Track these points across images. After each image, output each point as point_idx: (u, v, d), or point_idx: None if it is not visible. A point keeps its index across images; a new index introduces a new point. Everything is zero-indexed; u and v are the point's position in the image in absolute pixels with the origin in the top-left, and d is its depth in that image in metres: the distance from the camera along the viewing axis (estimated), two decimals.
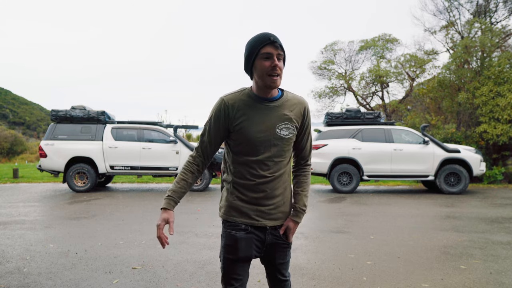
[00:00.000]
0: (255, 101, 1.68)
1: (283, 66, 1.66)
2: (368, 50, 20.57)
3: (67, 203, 7.94)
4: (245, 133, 1.65)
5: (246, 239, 1.71)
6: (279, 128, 1.68)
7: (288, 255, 1.85)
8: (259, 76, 1.63)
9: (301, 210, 1.81)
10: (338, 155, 9.64)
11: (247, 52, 1.64)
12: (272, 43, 1.59)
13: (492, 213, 6.77)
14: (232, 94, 1.71)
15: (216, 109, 1.70)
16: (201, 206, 7.58)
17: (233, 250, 1.71)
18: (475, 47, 12.80)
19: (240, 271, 1.73)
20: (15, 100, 69.82)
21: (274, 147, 1.68)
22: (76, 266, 3.80)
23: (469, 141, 12.46)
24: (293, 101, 1.74)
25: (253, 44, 1.62)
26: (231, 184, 1.74)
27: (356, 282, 3.35)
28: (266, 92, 1.67)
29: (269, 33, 1.61)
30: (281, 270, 1.85)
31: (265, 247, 1.77)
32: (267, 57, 1.59)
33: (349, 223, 5.94)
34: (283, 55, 1.64)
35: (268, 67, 1.59)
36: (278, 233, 1.77)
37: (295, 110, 1.73)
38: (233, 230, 1.72)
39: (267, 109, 1.68)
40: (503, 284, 3.29)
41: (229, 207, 1.75)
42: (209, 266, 3.79)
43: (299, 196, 1.82)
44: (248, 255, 1.72)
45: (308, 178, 1.85)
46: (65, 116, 9.91)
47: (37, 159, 26.84)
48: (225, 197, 1.78)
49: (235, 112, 1.66)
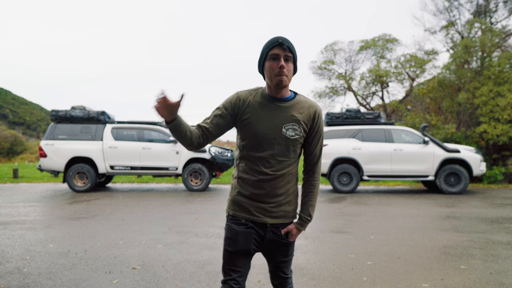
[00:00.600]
0: (266, 99, 1.75)
1: (294, 67, 1.73)
2: (368, 50, 20.56)
3: (67, 203, 7.94)
4: (251, 128, 1.72)
5: (245, 233, 1.76)
6: (285, 128, 1.72)
7: (289, 254, 1.87)
8: (268, 76, 1.72)
9: (306, 220, 1.84)
10: (338, 155, 9.64)
11: (260, 54, 1.74)
12: (280, 45, 1.66)
13: (492, 213, 6.77)
14: (246, 90, 1.81)
15: (229, 98, 1.79)
16: (201, 206, 7.58)
17: (232, 243, 1.77)
18: (475, 47, 12.80)
19: (238, 263, 1.77)
20: (15, 100, 69.85)
21: (278, 146, 1.72)
22: (76, 266, 3.80)
23: (469, 141, 12.46)
24: (304, 104, 1.78)
25: (264, 47, 1.72)
26: (237, 179, 1.82)
27: (356, 282, 3.35)
28: (277, 92, 1.74)
29: (279, 36, 1.68)
30: (282, 268, 1.88)
31: (265, 244, 1.81)
32: (274, 58, 1.68)
33: (349, 223, 5.94)
34: (293, 57, 1.70)
35: (275, 67, 1.67)
36: (279, 231, 1.80)
37: (305, 113, 1.76)
38: (234, 224, 1.79)
39: (277, 109, 1.74)
40: (503, 284, 3.29)
41: (232, 201, 1.83)
42: (209, 266, 3.79)
43: (304, 206, 1.86)
44: (246, 249, 1.77)
45: (315, 187, 1.86)
46: (65, 116, 9.91)
47: (37, 159, 26.84)
48: (230, 192, 1.87)
49: (245, 107, 1.74)
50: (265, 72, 1.72)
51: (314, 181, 1.86)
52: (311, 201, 1.85)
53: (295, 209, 1.86)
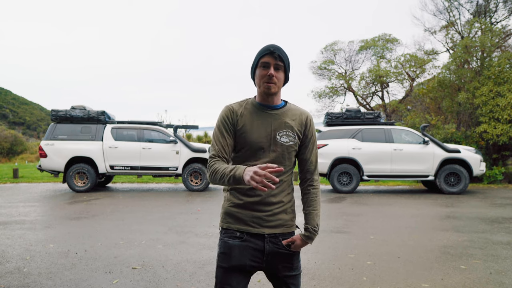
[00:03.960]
0: (257, 108, 1.75)
1: (284, 76, 1.73)
2: (368, 50, 20.58)
3: (67, 203, 7.94)
4: (246, 138, 1.70)
5: (240, 247, 1.67)
6: (279, 135, 1.71)
7: (295, 267, 1.73)
8: (257, 83, 1.72)
9: (313, 231, 1.72)
10: (338, 155, 9.64)
11: (253, 61, 1.75)
12: (271, 53, 1.66)
13: (492, 213, 6.77)
14: (236, 102, 1.80)
15: (222, 115, 1.76)
16: (201, 206, 7.58)
17: (227, 258, 1.68)
18: (475, 47, 12.80)
19: (232, 282, 1.66)
20: (15, 100, 69.82)
21: (273, 153, 1.70)
22: (76, 266, 3.80)
23: (469, 141, 12.46)
24: (295, 112, 1.78)
25: (256, 54, 1.72)
26: (229, 191, 1.76)
27: (356, 282, 3.35)
28: (267, 99, 1.74)
29: (271, 45, 1.69)
30: (289, 285, 1.72)
31: (266, 257, 1.69)
32: (265, 66, 1.68)
33: (349, 223, 5.94)
34: (284, 66, 1.69)
35: (264, 75, 1.67)
36: (280, 242, 1.70)
37: (297, 119, 1.76)
38: (228, 237, 1.70)
39: (269, 116, 1.73)
40: (503, 284, 3.29)
41: (225, 213, 1.75)
42: (209, 266, 3.79)
43: (310, 216, 1.74)
44: (241, 264, 1.66)
45: (317, 195, 1.78)
46: (65, 116, 9.91)
47: (37, 159, 26.83)
48: (222, 205, 1.80)
49: (238, 117, 1.73)
50: (256, 79, 1.72)
51: (315, 188, 1.78)
52: (316, 210, 1.74)
53: (293, 218, 1.76)
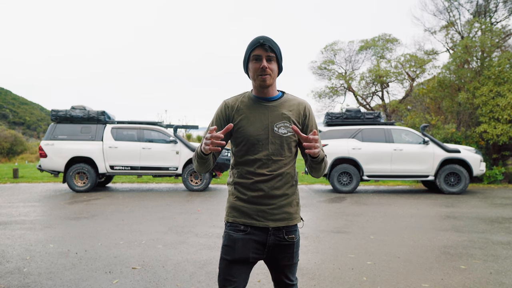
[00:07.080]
0: (254, 101, 1.75)
1: (278, 66, 1.72)
2: (368, 50, 20.58)
3: (67, 203, 7.94)
4: (244, 131, 1.71)
5: (243, 240, 1.70)
6: (277, 126, 1.71)
7: (294, 257, 1.78)
8: (252, 77, 1.73)
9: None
10: (338, 155, 9.64)
11: (244, 55, 1.74)
12: (262, 45, 1.66)
13: (492, 213, 6.77)
14: (233, 97, 1.81)
15: (218, 110, 1.79)
16: (201, 206, 7.58)
17: (230, 250, 1.71)
18: (475, 47, 12.80)
19: (235, 273, 1.70)
20: (15, 100, 69.81)
21: (272, 145, 1.71)
22: (76, 266, 3.80)
23: (469, 141, 12.46)
24: (293, 102, 1.77)
25: (247, 48, 1.72)
26: (233, 185, 1.78)
27: (356, 282, 3.35)
28: (263, 92, 1.74)
29: (260, 36, 1.68)
30: (287, 273, 1.78)
31: (267, 249, 1.73)
32: (257, 59, 1.68)
33: (349, 223, 5.94)
34: (275, 57, 1.69)
35: (257, 68, 1.68)
36: (282, 234, 1.73)
37: (294, 110, 1.76)
38: (232, 231, 1.73)
39: (266, 108, 1.73)
40: (503, 284, 3.29)
41: (230, 208, 1.78)
42: (209, 266, 3.79)
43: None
44: (244, 257, 1.70)
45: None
46: (65, 116, 9.91)
47: (37, 159, 26.84)
48: (227, 199, 1.82)
49: (234, 112, 1.74)
50: (249, 73, 1.72)
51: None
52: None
53: (297, 211, 1.78)
